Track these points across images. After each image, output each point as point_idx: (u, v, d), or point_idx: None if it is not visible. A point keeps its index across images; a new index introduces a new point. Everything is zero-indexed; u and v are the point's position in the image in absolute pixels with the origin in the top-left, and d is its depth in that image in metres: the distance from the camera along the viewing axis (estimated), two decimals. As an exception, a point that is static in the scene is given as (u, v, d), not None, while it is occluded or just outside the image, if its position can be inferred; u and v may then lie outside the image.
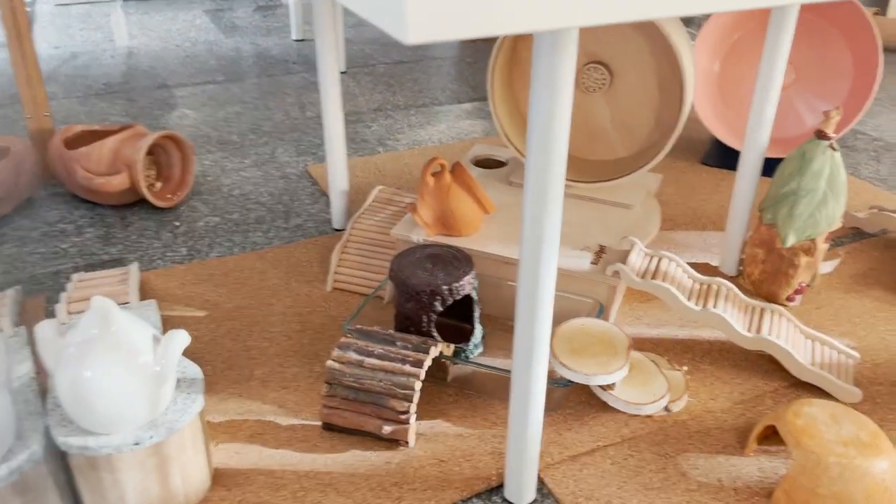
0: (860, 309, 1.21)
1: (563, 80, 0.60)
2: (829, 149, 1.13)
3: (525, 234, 0.70)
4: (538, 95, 0.62)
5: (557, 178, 0.67)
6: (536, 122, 0.63)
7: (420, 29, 0.32)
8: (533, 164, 0.66)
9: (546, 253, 0.70)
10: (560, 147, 0.65)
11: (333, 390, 0.92)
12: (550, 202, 0.68)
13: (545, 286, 0.72)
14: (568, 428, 0.95)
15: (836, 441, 0.84)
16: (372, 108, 2.06)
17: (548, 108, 0.62)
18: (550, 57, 0.59)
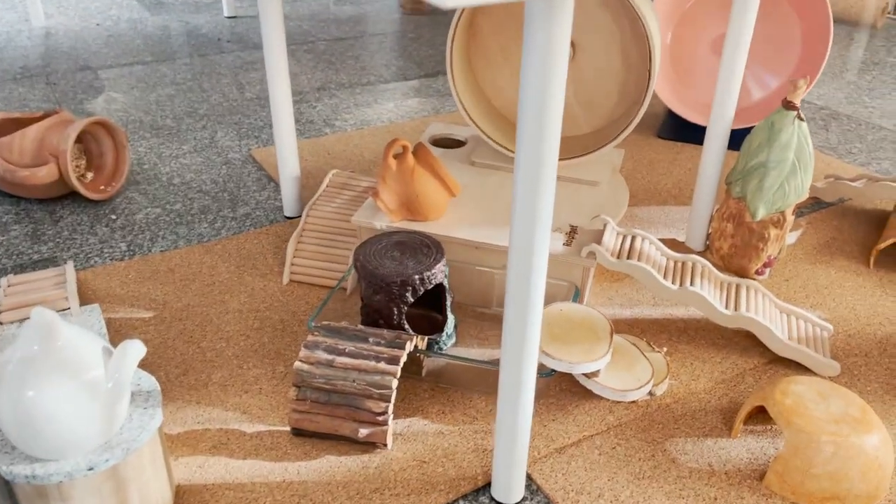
0: (827, 279, 1.20)
1: (558, 49, 0.55)
2: (797, 119, 1.12)
3: (516, 219, 0.65)
4: (531, 68, 0.56)
5: (551, 157, 0.61)
6: (529, 99, 0.58)
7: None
8: (525, 143, 0.61)
9: (539, 238, 0.65)
10: (554, 124, 0.59)
11: (303, 393, 0.86)
12: (543, 183, 0.62)
13: (537, 274, 0.67)
14: (552, 419, 0.91)
15: (827, 419, 0.82)
16: (315, 87, 1.97)
17: (541, 83, 0.57)
18: (546, 23, 0.54)
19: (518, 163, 0.62)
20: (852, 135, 1.77)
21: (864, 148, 1.70)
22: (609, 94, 1.26)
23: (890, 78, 2.16)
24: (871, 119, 1.86)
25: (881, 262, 1.25)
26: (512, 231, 0.65)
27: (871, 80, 2.14)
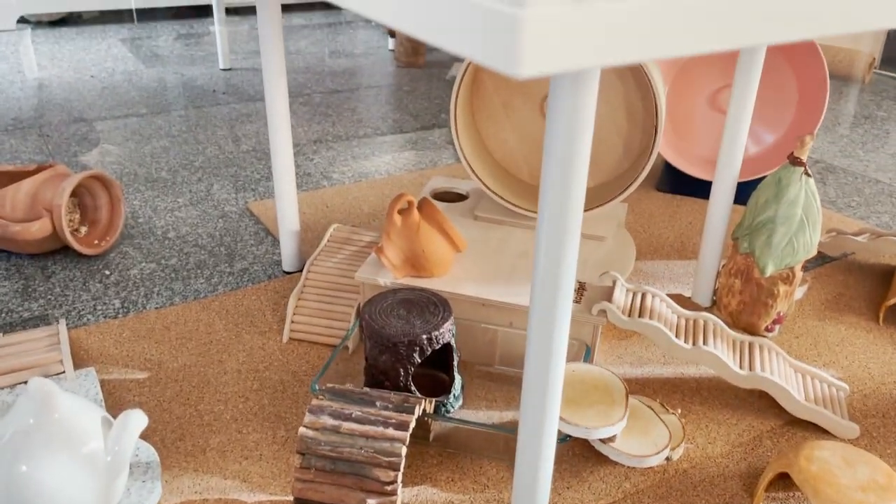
0: (837, 336, 1.18)
1: (584, 119, 0.53)
2: (804, 175, 1.11)
3: (537, 283, 0.62)
4: (555, 137, 0.55)
5: (575, 223, 0.59)
6: (553, 166, 0.56)
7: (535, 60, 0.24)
8: (549, 208, 0.58)
9: (561, 304, 0.63)
10: (579, 191, 0.57)
11: (307, 461, 0.82)
12: (568, 248, 0.60)
13: (559, 339, 0.64)
14: (567, 486, 0.87)
15: (854, 487, 0.79)
16: (311, 139, 1.96)
17: (566, 153, 0.55)
18: (573, 96, 0.52)
19: (540, 231, 0.60)
20: (850, 188, 1.78)
21: (862, 201, 1.70)
22: (614, 148, 1.25)
23: (881, 131, 2.19)
24: (866, 172, 1.87)
25: (890, 318, 1.23)
26: (533, 295, 0.63)
27: (863, 133, 2.17)
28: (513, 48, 0.24)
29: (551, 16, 0.24)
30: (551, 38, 0.25)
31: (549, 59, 0.25)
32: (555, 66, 0.26)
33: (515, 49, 0.24)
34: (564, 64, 0.26)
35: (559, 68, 0.26)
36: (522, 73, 0.25)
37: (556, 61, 0.26)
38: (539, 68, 0.26)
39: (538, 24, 0.24)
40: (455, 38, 0.27)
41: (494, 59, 0.25)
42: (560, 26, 0.25)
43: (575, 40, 0.26)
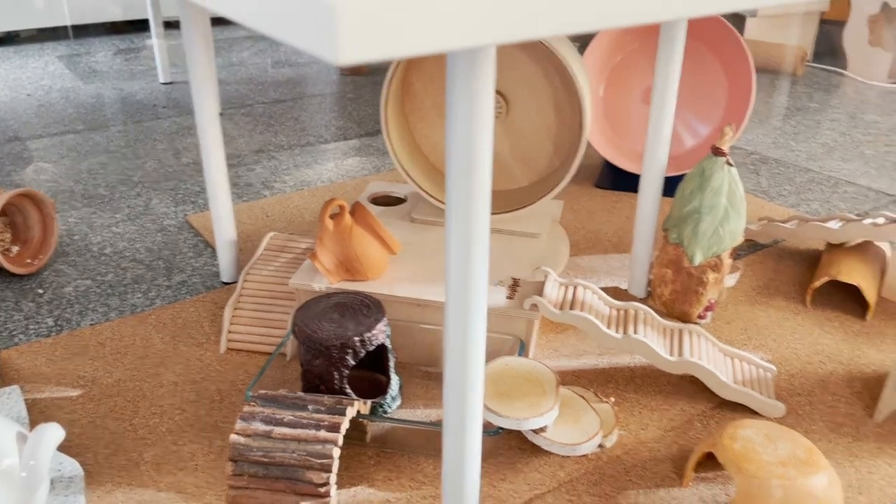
0: (767, 320, 1.22)
1: (483, 104, 0.55)
2: (727, 165, 1.14)
3: (450, 276, 0.63)
4: (455, 125, 0.56)
5: (482, 211, 0.61)
6: (456, 155, 0.57)
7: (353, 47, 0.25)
8: (455, 199, 0.60)
9: (475, 294, 0.64)
10: (483, 179, 0.59)
11: (240, 468, 0.82)
12: (476, 238, 0.61)
13: (476, 331, 0.66)
14: (502, 478, 0.89)
15: (775, 462, 0.81)
16: (253, 149, 1.95)
17: (467, 137, 0.56)
18: (467, 80, 0.54)
19: (449, 221, 0.61)
20: (781, 178, 1.83)
21: (793, 190, 1.76)
22: (544, 147, 1.28)
23: (812, 122, 2.26)
24: (798, 162, 1.93)
25: (818, 300, 1.27)
26: (447, 290, 0.64)
27: (795, 124, 2.23)
28: (331, 36, 0.25)
29: (365, 4, 0.25)
30: (367, 26, 0.26)
31: (367, 47, 0.26)
32: (373, 54, 0.27)
33: (334, 37, 0.25)
34: (383, 51, 0.27)
35: (378, 55, 0.27)
36: (341, 60, 0.27)
37: (374, 49, 0.27)
38: (358, 55, 0.27)
39: (353, 12, 0.25)
40: (282, 27, 0.28)
41: (317, 47, 0.26)
42: (375, 14, 0.26)
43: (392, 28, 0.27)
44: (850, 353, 1.13)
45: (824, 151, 2.01)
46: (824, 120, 2.28)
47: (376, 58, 0.27)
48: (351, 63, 0.26)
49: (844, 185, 1.78)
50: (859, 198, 1.71)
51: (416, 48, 0.28)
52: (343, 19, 0.25)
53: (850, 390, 1.05)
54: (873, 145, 2.06)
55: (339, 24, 0.25)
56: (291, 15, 0.27)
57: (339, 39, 0.25)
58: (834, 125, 2.23)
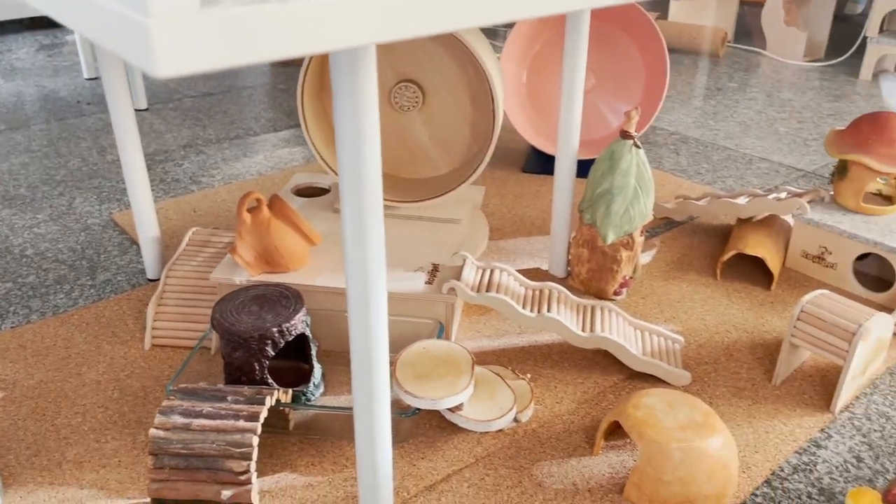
0: (679, 294, 1.28)
1: (367, 98, 0.57)
2: (634, 147, 1.19)
3: (349, 263, 0.66)
4: (343, 118, 0.58)
5: (375, 199, 0.63)
6: (345, 146, 0.60)
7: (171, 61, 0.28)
8: (347, 189, 0.62)
9: (373, 278, 0.66)
10: (373, 168, 0.61)
11: (160, 461, 0.83)
12: (370, 225, 0.64)
13: (377, 313, 0.68)
14: (422, 457, 0.92)
15: (675, 427, 0.87)
16: (181, 144, 1.93)
17: (355, 130, 0.59)
18: (350, 77, 0.56)
19: (344, 211, 0.64)
20: (700, 156, 1.90)
21: (710, 168, 1.83)
22: (462, 134, 1.31)
23: (732, 101, 2.34)
24: (716, 140, 2.01)
25: (727, 273, 1.34)
26: (347, 276, 0.67)
27: (715, 104, 2.31)
28: (148, 51, 0.27)
29: (176, 21, 0.27)
30: (180, 41, 0.28)
31: (182, 61, 0.29)
32: (189, 67, 0.29)
33: (150, 52, 0.27)
34: (198, 64, 0.29)
35: (194, 68, 0.29)
36: (160, 74, 0.29)
37: (189, 62, 0.29)
38: (174, 69, 0.29)
39: (165, 29, 0.27)
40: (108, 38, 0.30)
41: (139, 60, 0.28)
42: (185, 31, 0.28)
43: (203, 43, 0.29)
44: (754, 321, 1.20)
45: (741, 130, 2.09)
46: (742, 99, 2.36)
47: (194, 70, 0.29)
48: (170, 75, 0.28)
49: (758, 162, 1.86)
50: (771, 173, 1.79)
51: (231, 60, 0.31)
52: (157, 35, 0.27)
53: (752, 357, 1.12)
54: (787, 122, 2.15)
55: (154, 40, 0.27)
56: (114, 27, 0.29)
57: (156, 54, 0.27)
58: (751, 104, 2.32)
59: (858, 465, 0.92)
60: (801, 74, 2.65)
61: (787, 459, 0.93)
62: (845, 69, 2.70)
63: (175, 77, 0.26)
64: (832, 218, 1.29)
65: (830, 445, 0.95)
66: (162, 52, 0.28)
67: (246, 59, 0.31)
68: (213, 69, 0.29)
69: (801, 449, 0.95)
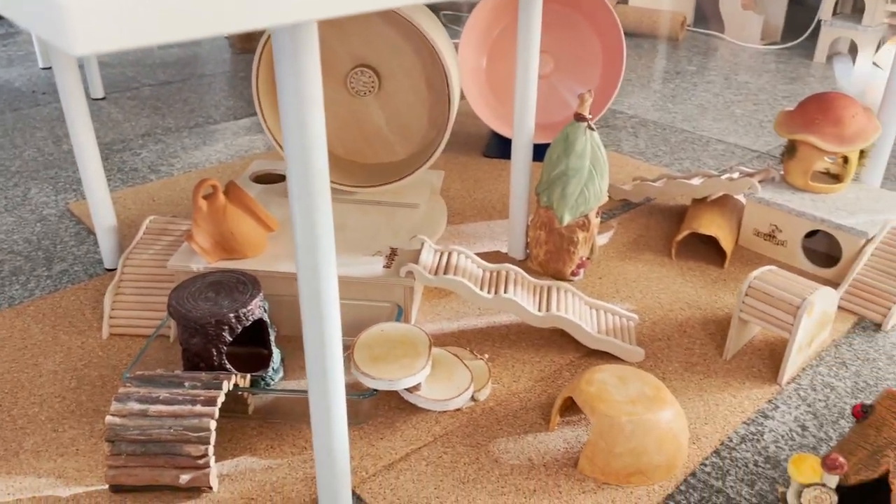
0: (635, 273, 1.30)
1: (310, 80, 0.58)
2: (588, 129, 1.21)
3: (299, 247, 0.67)
4: (287, 99, 0.59)
5: (322, 182, 0.64)
6: (291, 128, 0.60)
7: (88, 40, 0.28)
8: (294, 173, 0.63)
9: (323, 256, 0.67)
10: (319, 151, 0.62)
11: (117, 448, 0.83)
12: (319, 208, 0.65)
13: (328, 296, 0.69)
14: (380, 437, 0.93)
15: (625, 400, 0.89)
16: (139, 133, 1.91)
17: (299, 111, 0.59)
18: (293, 57, 0.57)
19: (292, 193, 0.64)
20: (658, 139, 1.93)
21: (668, 150, 1.86)
22: (420, 119, 1.31)
23: (690, 85, 2.37)
24: (674, 123, 2.04)
25: (682, 252, 1.37)
26: (297, 261, 0.67)
27: (673, 87, 2.34)
28: (64, 29, 0.28)
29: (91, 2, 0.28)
30: (96, 19, 0.29)
31: (98, 39, 0.29)
32: (106, 45, 0.29)
33: (66, 30, 0.28)
34: (116, 42, 0.30)
35: (111, 46, 0.30)
36: (76, 52, 0.29)
37: (106, 40, 0.29)
38: (91, 47, 0.29)
39: (81, 7, 0.28)
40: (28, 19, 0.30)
41: (56, 38, 0.29)
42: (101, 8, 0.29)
43: (119, 21, 0.30)
44: (707, 298, 1.23)
45: (699, 112, 2.13)
46: (701, 82, 2.40)
47: (112, 48, 0.30)
48: (87, 53, 0.29)
49: (715, 144, 1.90)
50: (727, 155, 1.83)
51: (150, 38, 0.31)
52: (72, 14, 0.27)
53: (705, 332, 1.15)
54: (743, 105, 2.19)
55: (70, 19, 0.27)
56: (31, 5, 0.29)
57: (72, 32, 0.28)
58: (709, 87, 2.35)
59: (803, 433, 0.96)
60: (758, 57, 2.70)
61: (735, 430, 0.96)
62: (800, 52, 2.75)
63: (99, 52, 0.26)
64: (782, 197, 1.32)
65: (777, 416, 0.99)
66: (78, 30, 0.28)
67: (166, 38, 0.32)
68: (130, 47, 0.29)
69: (750, 420, 0.98)
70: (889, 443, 0.78)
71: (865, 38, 2.53)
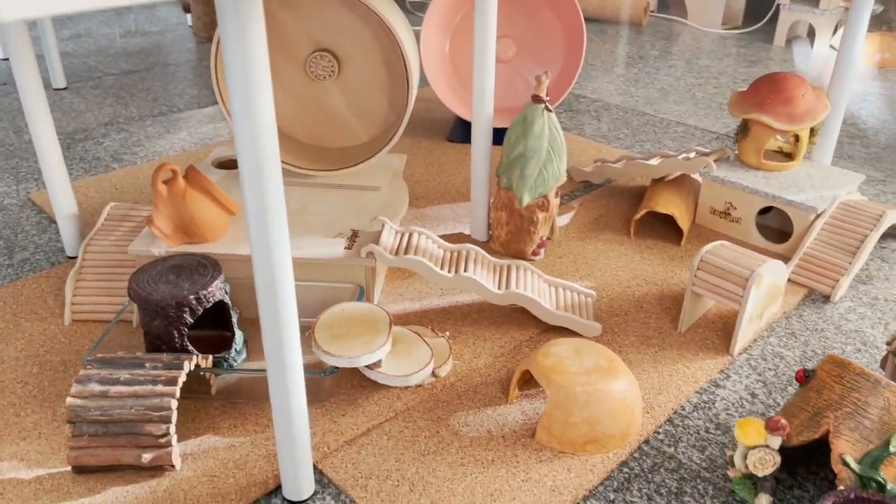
0: (595, 252, 1.33)
1: (256, 47, 0.59)
2: (546, 110, 1.23)
3: (252, 227, 0.68)
4: (234, 73, 0.60)
5: (272, 161, 0.65)
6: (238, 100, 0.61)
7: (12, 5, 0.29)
8: (244, 150, 0.64)
9: (276, 241, 0.69)
10: (269, 126, 0.63)
11: (79, 429, 0.84)
12: (270, 186, 0.66)
13: (282, 274, 0.71)
14: (342, 414, 0.95)
15: (580, 372, 0.91)
16: (102, 122, 1.90)
17: (247, 86, 0.60)
18: (236, 23, 0.58)
19: (242, 177, 0.65)
20: (620, 122, 1.96)
21: (629, 133, 1.89)
22: (380, 103, 1.32)
23: (653, 69, 2.41)
24: (636, 107, 2.07)
25: (640, 231, 1.40)
26: (251, 240, 0.69)
27: (637, 72, 2.38)
28: (-11, -3, 0.29)
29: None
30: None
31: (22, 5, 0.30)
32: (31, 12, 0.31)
33: (-7, -2, 0.29)
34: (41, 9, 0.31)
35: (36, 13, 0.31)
36: (4, 18, 0.30)
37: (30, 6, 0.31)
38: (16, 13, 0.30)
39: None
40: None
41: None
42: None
43: None
44: (664, 275, 1.26)
45: (660, 96, 2.16)
46: (663, 66, 2.44)
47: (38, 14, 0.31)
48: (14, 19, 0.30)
49: (675, 126, 1.93)
50: (687, 136, 1.86)
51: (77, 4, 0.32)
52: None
53: (661, 307, 1.18)
54: (704, 88, 2.23)
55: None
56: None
57: None
58: (671, 71, 2.39)
59: (753, 400, 0.99)
60: (720, 42, 2.74)
61: (688, 399, 0.99)
62: (761, 36, 2.80)
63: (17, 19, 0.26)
64: (736, 175, 1.36)
65: (728, 385, 1.02)
66: (4, 0, 0.29)
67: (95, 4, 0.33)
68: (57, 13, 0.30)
69: (702, 389, 1.01)
70: (829, 405, 0.82)
71: (823, 21, 2.58)
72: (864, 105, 2.11)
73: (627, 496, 0.85)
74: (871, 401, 0.80)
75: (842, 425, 0.80)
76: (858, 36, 1.37)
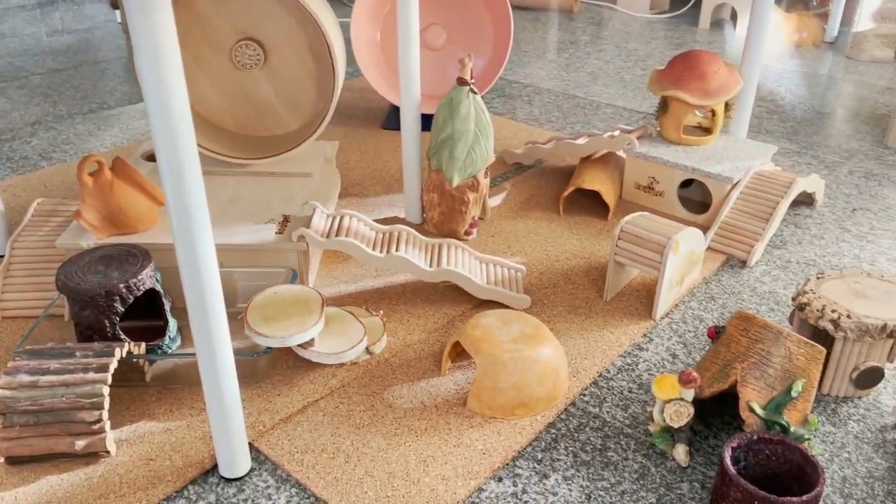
0: (526, 230, 1.37)
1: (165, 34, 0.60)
2: (471, 93, 1.26)
3: (173, 214, 0.69)
4: (146, 61, 0.61)
5: (188, 144, 0.67)
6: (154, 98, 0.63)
7: None
8: (161, 139, 0.65)
9: (197, 227, 0.70)
10: (183, 118, 0.65)
11: (10, 420, 0.84)
12: (187, 167, 0.68)
13: (205, 258, 0.72)
14: (278, 394, 0.97)
15: (507, 340, 0.95)
16: (29, 122, 1.86)
17: (158, 75, 0.62)
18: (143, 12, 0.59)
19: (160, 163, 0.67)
20: (551, 105, 2.00)
21: (560, 115, 1.94)
22: (308, 91, 1.34)
23: (583, 54, 2.46)
24: (567, 90, 2.12)
25: (569, 209, 1.44)
26: (173, 228, 0.70)
27: (568, 57, 2.43)
28: None
29: None
30: None
31: None
32: None
33: None
34: None
35: None
36: None
37: None
38: None
39: None
40: None
41: None
42: None
43: None
44: (591, 248, 1.31)
45: (590, 79, 2.21)
46: (593, 51, 2.49)
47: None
48: None
49: (605, 108, 1.99)
50: (616, 117, 1.92)
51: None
52: None
53: (588, 279, 1.22)
54: (632, 70, 2.29)
55: None
56: None
57: None
58: (601, 55, 2.45)
59: (674, 360, 1.04)
60: (648, 26, 2.82)
61: (612, 362, 1.04)
62: (687, 20, 2.89)
63: None
64: (657, 150, 1.41)
65: (651, 347, 1.07)
66: None
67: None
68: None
69: (626, 352, 1.06)
70: (736, 357, 0.87)
71: (744, 4, 2.67)
72: (782, 82, 2.20)
73: (554, 454, 0.89)
74: (774, 350, 0.85)
75: (748, 375, 0.85)
76: (766, 14, 1.43)
